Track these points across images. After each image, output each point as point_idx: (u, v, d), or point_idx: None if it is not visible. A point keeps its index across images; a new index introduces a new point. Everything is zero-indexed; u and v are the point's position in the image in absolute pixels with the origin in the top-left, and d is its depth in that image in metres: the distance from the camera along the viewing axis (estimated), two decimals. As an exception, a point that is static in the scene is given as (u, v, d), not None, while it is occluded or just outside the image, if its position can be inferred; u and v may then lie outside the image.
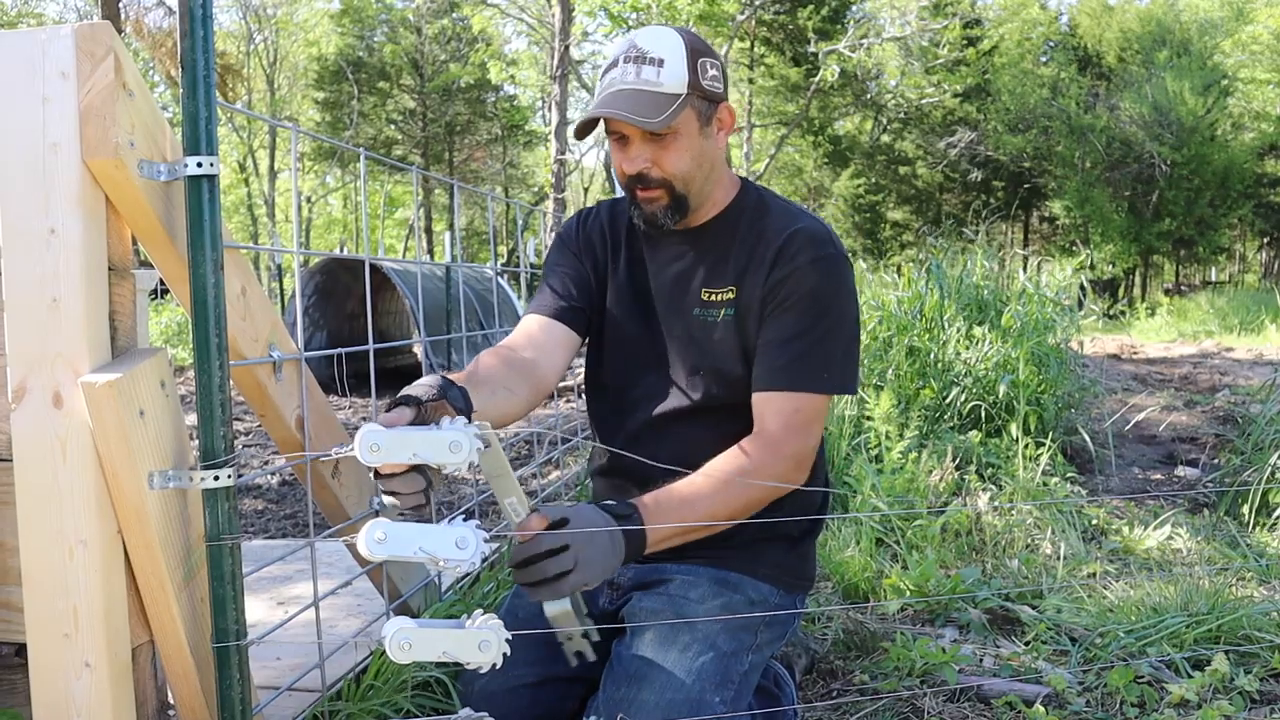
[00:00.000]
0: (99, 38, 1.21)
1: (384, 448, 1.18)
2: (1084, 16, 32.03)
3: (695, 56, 1.56)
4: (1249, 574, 2.77)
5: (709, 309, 1.66)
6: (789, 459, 1.56)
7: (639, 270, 1.75)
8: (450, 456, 1.19)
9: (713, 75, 1.59)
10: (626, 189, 1.64)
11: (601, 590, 1.73)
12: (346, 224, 35.07)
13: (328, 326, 9.37)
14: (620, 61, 1.56)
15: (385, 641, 1.19)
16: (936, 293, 5.28)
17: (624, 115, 1.52)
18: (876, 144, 30.49)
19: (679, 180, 1.59)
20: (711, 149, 1.62)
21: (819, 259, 1.60)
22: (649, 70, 1.53)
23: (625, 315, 1.74)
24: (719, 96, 1.61)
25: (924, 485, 3.47)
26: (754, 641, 1.64)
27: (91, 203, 1.23)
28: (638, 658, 1.55)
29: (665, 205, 1.61)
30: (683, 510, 1.47)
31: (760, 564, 1.69)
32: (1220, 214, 26.68)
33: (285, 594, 2.51)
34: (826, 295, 1.60)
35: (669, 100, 1.53)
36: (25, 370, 1.23)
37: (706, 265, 1.68)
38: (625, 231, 1.77)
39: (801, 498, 1.70)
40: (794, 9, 23.06)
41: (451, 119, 29.77)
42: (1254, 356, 10.71)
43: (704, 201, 1.67)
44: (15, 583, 1.31)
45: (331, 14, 28.98)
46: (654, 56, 1.54)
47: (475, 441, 1.19)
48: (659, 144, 1.57)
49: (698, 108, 1.57)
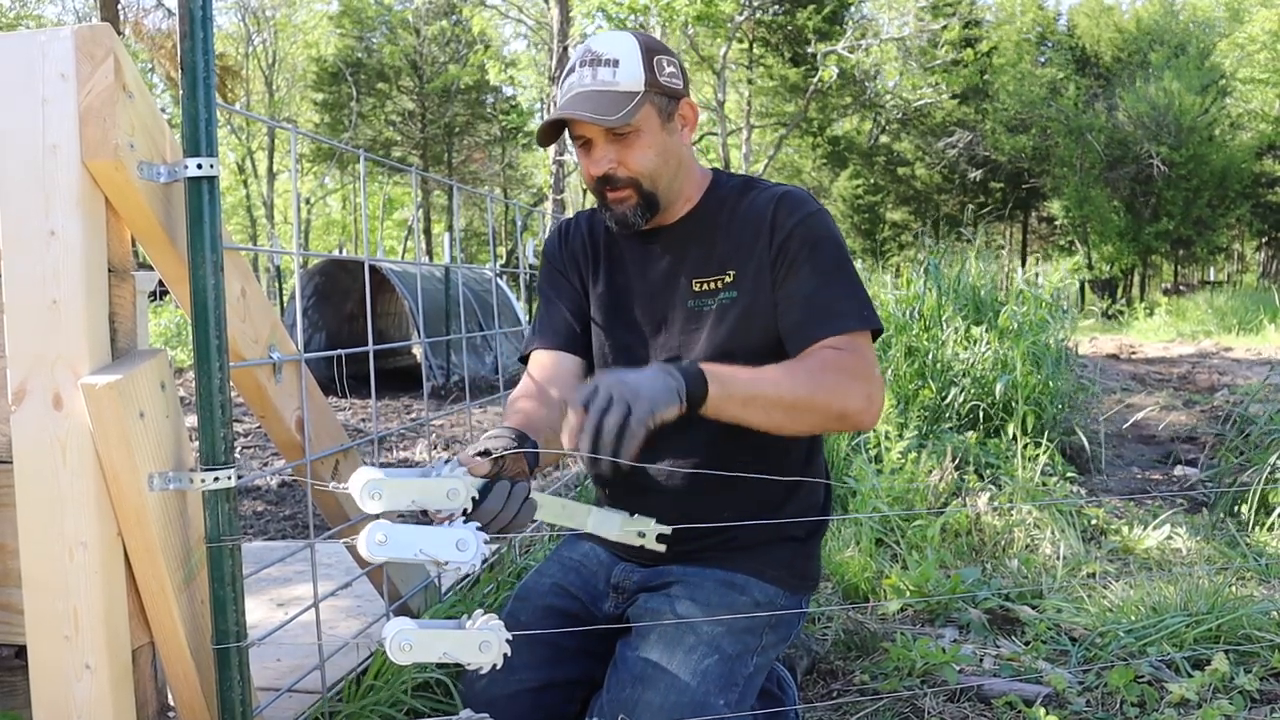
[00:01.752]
0: (99, 39, 1.21)
1: (386, 495, 1.20)
2: (1082, 17, 32.08)
3: (650, 55, 1.58)
4: (1248, 573, 2.77)
5: (703, 298, 1.65)
6: (862, 380, 1.50)
7: (621, 276, 1.75)
8: (447, 504, 1.22)
9: (670, 72, 1.60)
10: (596, 192, 1.64)
11: (607, 595, 1.73)
12: (345, 225, 35.09)
13: (327, 328, 9.37)
14: (577, 66, 1.59)
15: (386, 643, 1.19)
16: (934, 293, 5.29)
17: (582, 115, 1.53)
18: (875, 145, 30.52)
19: (645, 178, 1.60)
20: (676, 144, 1.63)
21: (812, 213, 1.63)
22: (605, 71, 1.56)
23: (612, 322, 1.74)
24: (679, 92, 1.62)
25: (923, 485, 3.48)
26: (759, 644, 1.63)
27: (91, 204, 1.22)
28: (642, 659, 1.54)
29: (635, 204, 1.62)
30: (748, 373, 1.42)
31: (767, 565, 1.68)
32: (1218, 214, 26.71)
33: (285, 595, 2.51)
34: (828, 244, 1.61)
35: (626, 98, 1.54)
36: (25, 372, 1.23)
37: (691, 258, 1.68)
38: (604, 239, 1.77)
39: (807, 496, 1.70)
40: (793, 10, 23.09)
41: (450, 120, 29.79)
42: (1252, 356, 10.73)
43: (675, 198, 1.67)
44: (15, 585, 1.31)
45: (330, 15, 29.00)
46: (609, 58, 1.56)
47: (472, 489, 1.24)
48: (622, 143, 1.58)
49: (657, 104, 1.58)
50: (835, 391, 1.47)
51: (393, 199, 33.81)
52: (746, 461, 1.57)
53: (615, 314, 1.74)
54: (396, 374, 9.97)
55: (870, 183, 31.13)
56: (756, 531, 1.64)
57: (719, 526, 1.62)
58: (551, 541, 2.73)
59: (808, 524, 1.72)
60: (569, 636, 1.67)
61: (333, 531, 1.81)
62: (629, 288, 1.73)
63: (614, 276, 1.75)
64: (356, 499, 1.20)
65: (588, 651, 1.66)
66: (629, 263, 1.74)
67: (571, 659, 1.66)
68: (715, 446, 1.61)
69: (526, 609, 1.71)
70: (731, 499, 1.62)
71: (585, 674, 1.65)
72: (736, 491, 1.57)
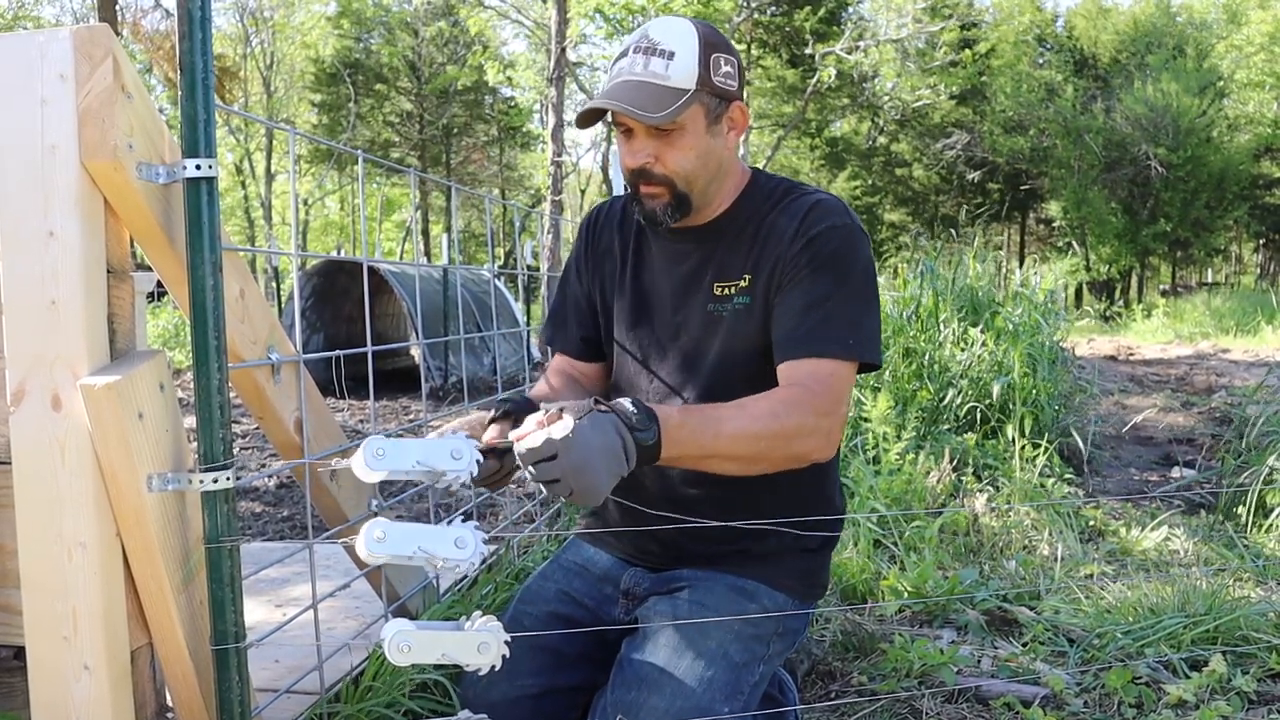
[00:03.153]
0: (97, 40, 1.21)
1: (388, 454, 1.20)
2: (1080, 18, 32.11)
3: (709, 51, 1.50)
4: (1246, 575, 2.78)
5: (721, 302, 1.61)
6: (822, 416, 1.45)
7: (647, 275, 1.71)
8: (451, 463, 1.21)
9: (726, 71, 1.52)
10: (630, 182, 1.59)
11: (616, 600, 1.72)
12: (344, 226, 35.07)
13: (325, 329, 9.37)
14: (631, 51, 1.52)
15: (384, 644, 1.19)
16: (931, 294, 5.29)
17: (623, 107, 1.47)
18: (873, 146, 30.55)
19: (681, 179, 1.54)
20: (719, 148, 1.56)
21: (836, 227, 1.55)
22: (658, 62, 1.48)
23: (635, 322, 1.71)
24: (732, 94, 1.54)
25: (921, 486, 3.48)
26: (765, 653, 1.62)
27: (90, 205, 1.22)
28: (648, 663, 1.54)
29: (666, 203, 1.56)
30: (706, 425, 1.38)
31: (779, 573, 1.66)
32: (1216, 215, 26.75)
33: (284, 596, 2.51)
34: (845, 261, 1.54)
35: (675, 95, 1.47)
36: (24, 372, 1.23)
37: (717, 261, 1.63)
38: (635, 233, 1.73)
39: (821, 508, 1.69)
40: (791, 11, 23.10)
41: (449, 121, 29.78)
42: (1250, 357, 10.74)
43: (709, 201, 1.62)
44: (14, 585, 1.30)
45: (328, 16, 28.98)
46: (665, 49, 1.49)
47: (475, 450, 1.22)
48: (664, 139, 1.52)
49: (707, 104, 1.51)
50: (794, 438, 1.43)
51: (391, 200, 33.80)
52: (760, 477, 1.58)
53: (638, 315, 1.71)
54: (395, 375, 9.97)
55: (868, 184, 31.16)
56: (770, 541, 1.63)
57: (730, 533, 1.62)
58: (550, 543, 2.73)
59: (820, 535, 1.70)
60: (571, 643, 1.67)
61: (331, 532, 1.81)
62: (654, 289, 1.69)
63: (640, 275, 1.72)
64: (362, 460, 1.19)
65: (590, 658, 1.66)
66: (656, 261, 1.70)
67: (573, 665, 1.66)
68: None
69: (530, 615, 1.71)
70: (744, 511, 1.62)
71: (587, 680, 1.65)
72: (750, 503, 1.60)
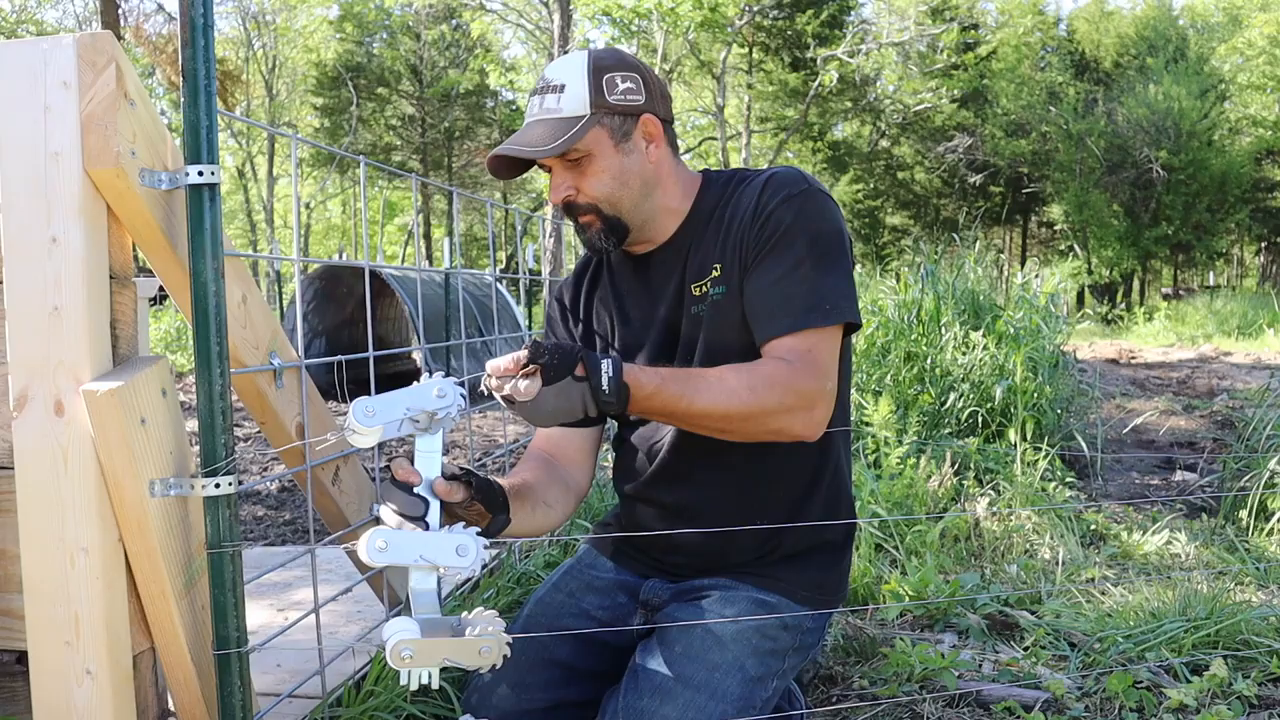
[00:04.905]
0: (101, 47, 1.21)
1: (378, 411, 1.22)
2: (1081, 21, 32.14)
3: (600, 74, 1.52)
4: (1247, 579, 2.77)
5: (700, 301, 1.60)
6: (803, 394, 1.43)
7: (636, 312, 1.70)
8: (438, 403, 1.24)
9: (626, 89, 1.53)
10: (567, 217, 1.61)
11: (635, 611, 1.73)
12: (345, 230, 35.10)
13: (326, 333, 9.37)
14: (531, 96, 1.57)
15: (386, 649, 1.19)
16: (932, 298, 5.29)
17: (517, 149, 1.50)
18: (875, 149, 30.56)
19: (604, 202, 1.56)
20: (637, 164, 1.56)
21: (792, 196, 1.53)
22: (550, 99, 1.52)
23: (632, 355, 1.69)
24: (635, 109, 1.54)
25: (923, 490, 3.48)
26: (781, 667, 1.63)
27: (93, 211, 1.23)
28: (663, 672, 1.54)
29: (600, 229, 1.58)
30: (678, 399, 1.38)
31: (800, 583, 1.66)
32: (1218, 219, 26.74)
33: (286, 600, 2.52)
34: (807, 227, 1.51)
35: (568, 124, 1.50)
36: (27, 378, 1.23)
37: (691, 265, 1.62)
38: (612, 278, 1.73)
39: (843, 503, 1.69)
40: (793, 14, 23.13)
41: (451, 125, 29.82)
42: (1252, 361, 10.73)
43: (649, 218, 1.61)
44: (16, 590, 1.31)
45: (330, 20, 29.03)
46: (556, 84, 1.53)
47: (460, 392, 1.27)
48: (576, 170, 1.54)
49: (609, 125, 1.53)
50: (770, 416, 1.42)
51: (393, 204, 33.84)
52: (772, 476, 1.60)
53: (636, 351, 1.69)
54: (396, 379, 9.94)
55: (870, 187, 31.18)
56: (794, 539, 1.64)
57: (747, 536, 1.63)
58: (553, 548, 2.73)
59: (842, 528, 1.71)
60: (583, 657, 1.67)
61: (333, 536, 1.81)
62: (645, 320, 1.69)
63: (628, 315, 1.71)
64: (353, 422, 1.20)
65: (602, 674, 1.66)
66: (639, 294, 1.69)
67: (582, 680, 1.66)
68: (747, 465, 1.61)
69: (540, 623, 1.70)
70: (760, 514, 1.63)
71: (597, 695, 1.64)
72: (766, 505, 1.62)
